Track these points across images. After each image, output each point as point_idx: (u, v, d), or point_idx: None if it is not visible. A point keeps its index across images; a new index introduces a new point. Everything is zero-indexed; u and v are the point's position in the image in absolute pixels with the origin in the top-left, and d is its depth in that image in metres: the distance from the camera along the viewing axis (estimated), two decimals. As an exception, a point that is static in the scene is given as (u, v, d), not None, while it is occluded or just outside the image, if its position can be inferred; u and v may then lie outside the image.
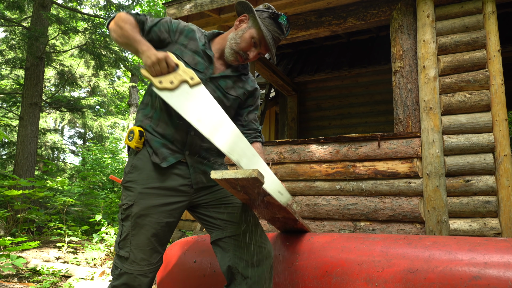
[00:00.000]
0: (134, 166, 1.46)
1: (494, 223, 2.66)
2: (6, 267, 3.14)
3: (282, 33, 1.53)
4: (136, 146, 1.45)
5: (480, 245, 1.45)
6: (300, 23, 3.78)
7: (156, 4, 17.34)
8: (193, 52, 1.52)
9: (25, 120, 7.47)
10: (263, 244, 1.49)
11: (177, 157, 1.48)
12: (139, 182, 1.43)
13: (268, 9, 1.54)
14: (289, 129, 6.28)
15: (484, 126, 2.80)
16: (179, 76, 1.38)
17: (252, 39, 1.50)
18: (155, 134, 1.49)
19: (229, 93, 1.58)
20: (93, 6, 13.08)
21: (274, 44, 1.53)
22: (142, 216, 1.40)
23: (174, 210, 1.46)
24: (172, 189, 1.46)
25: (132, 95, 14.87)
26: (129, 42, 1.37)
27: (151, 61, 1.33)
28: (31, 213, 5.15)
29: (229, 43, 1.53)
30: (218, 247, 1.50)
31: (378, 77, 5.95)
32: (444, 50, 3.04)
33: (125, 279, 1.38)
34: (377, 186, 3.01)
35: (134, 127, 1.49)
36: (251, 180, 1.16)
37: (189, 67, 1.49)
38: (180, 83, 1.38)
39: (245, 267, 1.43)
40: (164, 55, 1.35)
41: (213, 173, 1.20)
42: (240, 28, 1.54)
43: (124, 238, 1.41)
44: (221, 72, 1.57)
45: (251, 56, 1.53)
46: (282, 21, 1.51)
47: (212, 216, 1.53)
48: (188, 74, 1.40)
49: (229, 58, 1.53)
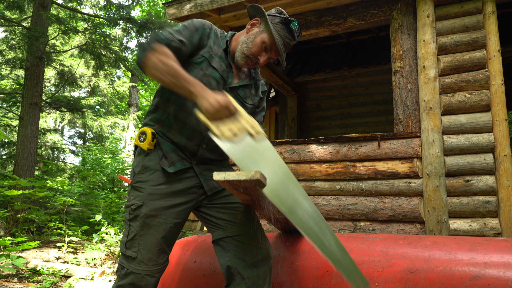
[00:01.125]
0: (145, 167, 1.45)
1: (494, 223, 2.66)
2: (6, 267, 3.14)
3: (293, 39, 1.52)
4: (148, 148, 1.44)
5: (480, 245, 1.45)
6: (300, 23, 3.78)
7: (156, 4, 17.34)
8: (219, 57, 1.50)
9: (25, 120, 7.47)
10: (263, 246, 1.49)
11: (185, 164, 1.48)
12: (149, 183, 1.43)
13: (280, 14, 1.53)
14: (289, 129, 6.28)
15: (484, 126, 2.80)
16: (240, 125, 1.29)
17: (263, 44, 1.50)
18: (165, 138, 1.49)
19: (247, 102, 1.58)
20: (93, 6, 13.09)
21: (284, 50, 1.52)
22: (151, 216, 1.40)
23: (182, 211, 1.46)
24: (181, 191, 1.46)
25: (132, 95, 14.87)
26: (178, 82, 1.28)
27: (213, 107, 1.25)
28: (31, 213, 5.15)
29: (240, 47, 1.52)
30: (219, 247, 1.50)
31: (378, 77, 5.95)
32: (444, 50, 3.04)
33: (132, 279, 1.38)
34: (377, 186, 3.01)
35: (146, 128, 1.47)
36: (254, 182, 1.16)
37: (217, 73, 1.47)
38: (243, 134, 1.28)
39: (244, 268, 1.43)
40: (225, 101, 1.28)
41: (216, 175, 1.20)
42: (251, 32, 1.53)
43: (132, 238, 1.40)
44: (240, 82, 1.56)
45: (261, 60, 1.53)
46: (294, 27, 1.51)
47: (215, 215, 1.53)
48: (249, 123, 1.30)
49: (239, 62, 1.53)
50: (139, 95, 16.70)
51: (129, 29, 9.76)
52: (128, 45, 28.80)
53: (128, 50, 11.69)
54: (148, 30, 9.02)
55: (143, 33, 9.37)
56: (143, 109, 17.93)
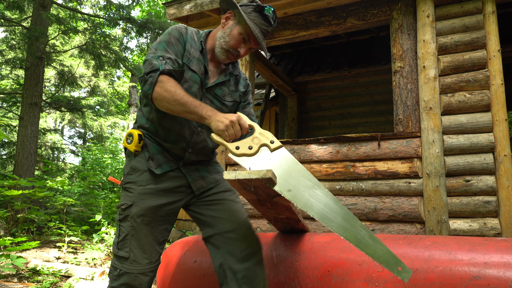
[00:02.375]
0: (134, 168, 1.47)
1: (494, 223, 2.66)
2: (6, 267, 3.15)
3: (270, 25, 1.49)
4: (135, 149, 1.47)
5: (480, 245, 1.45)
6: (300, 23, 3.78)
7: (156, 4, 17.35)
8: (197, 59, 1.50)
9: (25, 120, 7.47)
10: (251, 239, 1.50)
11: (172, 166, 1.49)
12: (138, 183, 1.45)
13: (252, 2, 1.50)
14: (289, 129, 6.28)
15: (484, 126, 2.80)
16: (258, 140, 1.29)
17: (240, 35, 1.48)
18: (152, 140, 1.50)
19: (226, 100, 1.58)
20: (93, 6, 13.09)
21: (263, 38, 1.49)
22: (141, 216, 1.41)
23: (172, 209, 1.49)
24: (170, 191, 1.48)
25: (132, 95, 14.88)
26: (188, 108, 1.30)
27: (224, 125, 1.25)
28: (31, 213, 5.15)
29: (218, 42, 1.51)
30: (209, 244, 1.52)
31: (378, 77, 5.95)
32: (444, 50, 3.04)
33: (125, 279, 1.39)
34: (377, 186, 3.01)
35: (133, 130, 1.50)
36: (265, 180, 1.15)
37: (197, 76, 1.47)
38: (260, 147, 1.28)
39: (235, 262, 1.44)
40: (236, 117, 1.28)
41: (226, 174, 1.19)
42: (227, 25, 1.52)
43: (123, 239, 1.41)
44: (215, 81, 1.55)
45: (242, 52, 1.51)
46: (268, 13, 1.47)
47: (203, 213, 1.54)
48: (266, 136, 1.30)
49: (220, 57, 1.52)
50: (139, 95, 16.66)
51: (129, 29, 9.76)
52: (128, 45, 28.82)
53: (128, 50, 11.69)
54: (148, 30, 9.02)
55: (143, 33, 9.37)
56: (143, 109, 17.86)
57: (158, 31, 8.99)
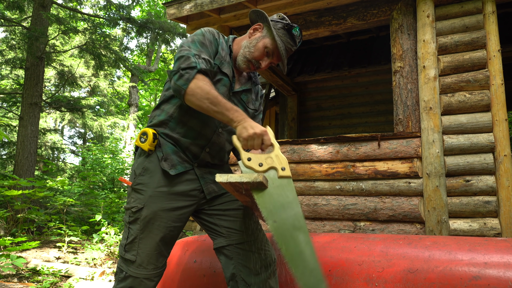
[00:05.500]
0: (146, 169, 1.44)
1: (494, 223, 2.66)
2: (6, 267, 3.15)
3: (294, 45, 1.55)
4: (149, 148, 1.44)
5: (480, 245, 1.45)
6: (300, 23, 3.78)
7: (156, 4, 17.35)
8: (227, 63, 1.52)
9: (25, 120, 7.47)
10: (265, 251, 1.49)
11: (186, 166, 1.47)
12: (150, 185, 1.42)
13: (283, 19, 1.55)
14: (289, 129, 6.28)
15: (484, 126, 2.80)
16: (271, 160, 1.28)
17: (265, 49, 1.52)
18: (168, 140, 1.48)
19: (249, 107, 1.60)
20: (93, 6, 13.09)
21: (286, 55, 1.54)
22: (152, 219, 1.39)
23: (183, 214, 1.46)
24: (182, 194, 1.45)
25: (132, 95, 14.88)
26: (219, 109, 1.31)
27: (248, 134, 1.27)
28: (31, 213, 5.15)
29: (242, 51, 1.54)
30: (222, 255, 1.50)
31: (378, 77, 5.95)
32: (444, 50, 3.04)
33: (130, 283, 1.37)
34: (377, 186, 3.01)
35: (147, 129, 1.47)
36: (256, 184, 1.16)
37: (227, 79, 1.49)
38: (269, 169, 1.27)
39: (248, 275, 1.43)
40: (262, 131, 1.29)
41: (218, 177, 1.19)
42: (254, 36, 1.55)
43: (132, 241, 1.39)
44: (242, 86, 1.58)
45: (263, 65, 1.54)
46: (295, 33, 1.53)
47: (216, 223, 1.52)
48: (281, 162, 1.29)
49: (241, 66, 1.54)
50: (139, 95, 16.71)
51: (129, 29, 9.76)
52: (128, 45, 28.80)
53: (128, 50, 11.68)
54: (148, 30, 9.02)
55: (143, 33, 9.37)
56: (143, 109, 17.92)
57: (158, 31, 8.99)
